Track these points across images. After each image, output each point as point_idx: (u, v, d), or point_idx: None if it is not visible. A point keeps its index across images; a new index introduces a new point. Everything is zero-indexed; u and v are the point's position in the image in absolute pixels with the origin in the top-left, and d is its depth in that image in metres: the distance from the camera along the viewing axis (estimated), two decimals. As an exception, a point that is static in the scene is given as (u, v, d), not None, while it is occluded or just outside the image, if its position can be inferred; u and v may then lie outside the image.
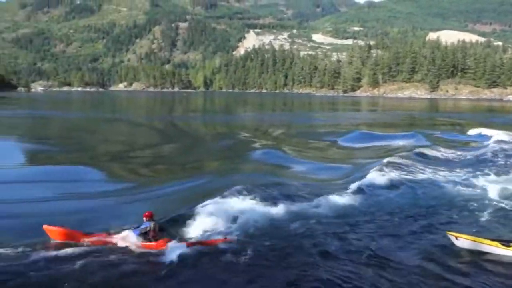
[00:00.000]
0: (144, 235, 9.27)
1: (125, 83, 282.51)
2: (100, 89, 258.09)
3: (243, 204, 11.52)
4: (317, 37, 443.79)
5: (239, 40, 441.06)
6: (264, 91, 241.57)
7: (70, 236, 9.41)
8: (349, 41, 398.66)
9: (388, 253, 8.96)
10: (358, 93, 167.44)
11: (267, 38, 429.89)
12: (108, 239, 9.36)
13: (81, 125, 40.87)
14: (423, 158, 20.29)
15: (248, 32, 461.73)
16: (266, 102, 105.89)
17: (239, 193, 12.52)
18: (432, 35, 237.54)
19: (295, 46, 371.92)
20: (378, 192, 13.79)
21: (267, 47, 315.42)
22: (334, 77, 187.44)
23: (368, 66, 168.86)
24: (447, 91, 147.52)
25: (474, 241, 9.25)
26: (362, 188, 14.03)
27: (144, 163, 20.49)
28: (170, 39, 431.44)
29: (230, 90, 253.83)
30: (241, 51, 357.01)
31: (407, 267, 8.38)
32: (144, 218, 9.49)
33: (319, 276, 7.95)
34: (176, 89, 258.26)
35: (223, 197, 12.06)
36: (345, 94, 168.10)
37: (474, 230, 10.25)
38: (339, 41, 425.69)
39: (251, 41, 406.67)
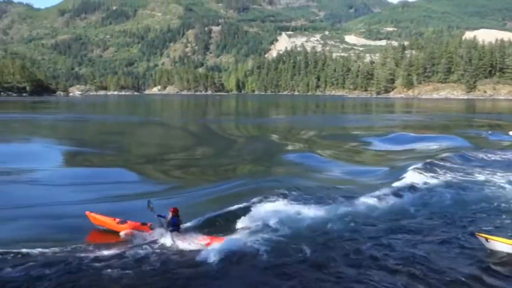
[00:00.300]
0: (169, 227, 9.67)
1: (159, 87, 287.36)
2: (135, 93, 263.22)
3: (277, 207, 11.46)
4: (350, 39, 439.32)
5: (271, 43, 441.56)
6: (296, 93, 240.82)
7: (108, 223, 10.28)
8: (383, 42, 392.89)
9: (425, 258, 8.73)
10: (392, 94, 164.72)
11: (299, 40, 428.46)
12: (142, 228, 9.99)
13: (117, 128, 41.71)
14: (463, 160, 19.73)
15: (280, 34, 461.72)
16: (298, 105, 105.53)
17: (273, 195, 12.47)
18: (468, 35, 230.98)
19: (327, 48, 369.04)
20: (416, 194, 13.49)
21: (299, 49, 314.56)
22: (367, 79, 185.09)
23: (402, 67, 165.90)
24: (485, 92, 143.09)
25: (505, 243, 8.98)
26: (400, 191, 13.75)
27: (179, 165, 20.70)
28: (203, 43, 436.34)
29: (263, 93, 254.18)
30: (273, 53, 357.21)
31: (443, 272, 8.17)
32: (170, 213, 9.78)
33: (356, 280, 7.82)
34: (209, 92, 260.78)
35: (257, 199, 12.04)
36: (379, 96, 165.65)
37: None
38: (372, 42, 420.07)
39: (283, 43, 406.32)
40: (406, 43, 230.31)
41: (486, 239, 9.11)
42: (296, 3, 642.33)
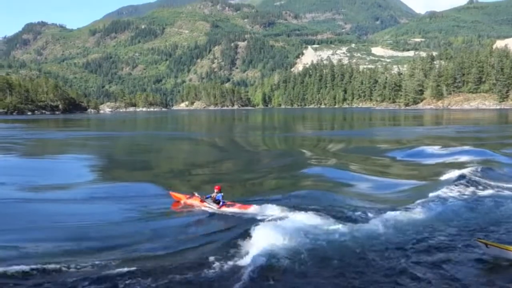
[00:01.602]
0: (216, 202, 13.99)
1: (187, 102, 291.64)
2: (163, 109, 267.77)
3: (304, 222, 11.38)
4: (377, 50, 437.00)
5: (297, 57, 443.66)
6: (323, 106, 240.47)
7: (181, 197, 15.16)
8: (410, 53, 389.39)
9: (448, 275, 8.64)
10: (420, 105, 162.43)
11: (325, 53, 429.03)
12: (200, 201, 14.41)
13: (146, 144, 42.43)
14: (494, 175, 19.17)
15: (306, 48, 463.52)
16: (325, 118, 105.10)
17: (301, 210, 12.42)
18: (499, 43, 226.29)
19: (354, 60, 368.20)
20: (446, 210, 13.19)
21: (325, 62, 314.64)
22: (395, 90, 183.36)
23: (431, 78, 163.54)
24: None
25: (505, 249, 9.08)
26: (429, 205, 13.46)
27: (205, 180, 20.84)
28: (229, 58, 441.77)
29: (289, 107, 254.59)
30: (299, 67, 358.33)
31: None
32: (215, 190, 14.15)
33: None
34: (236, 107, 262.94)
35: (284, 213, 12.03)
36: (407, 107, 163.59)
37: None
38: (399, 54, 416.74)
39: (309, 57, 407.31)
40: (434, 53, 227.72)
41: (486, 245, 9.22)
42: (322, 16, 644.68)
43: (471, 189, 16.03)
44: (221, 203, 13.85)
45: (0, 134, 54.67)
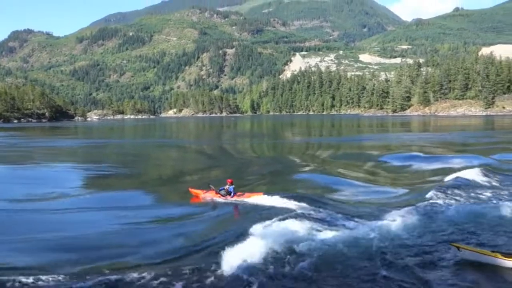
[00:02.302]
0: (228, 193, 16.53)
1: (175, 110, 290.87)
2: (151, 116, 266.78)
3: (294, 228, 11.42)
4: (364, 57, 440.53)
5: (285, 64, 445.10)
6: (311, 113, 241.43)
7: (198, 192, 17.40)
8: (397, 60, 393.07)
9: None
10: (408, 112, 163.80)
11: (313, 60, 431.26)
12: (216, 193, 16.83)
13: (134, 151, 42.23)
14: (481, 181, 19.39)
15: (294, 55, 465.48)
16: (313, 124, 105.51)
17: (289, 217, 12.45)
18: (485, 50, 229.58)
19: (342, 67, 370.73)
20: (431, 216, 13.31)
21: (313, 69, 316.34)
22: (383, 97, 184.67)
23: (418, 84, 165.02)
24: (503, 107, 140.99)
25: (476, 252, 9.53)
26: (416, 211, 13.60)
27: (194, 187, 20.82)
28: (218, 65, 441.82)
29: (277, 113, 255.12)
30: (287, 74, 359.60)
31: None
32: (228, 183, 16.69)
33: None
34: (224, 114, 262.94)
35: (273, 220, 12.05)
36: (395, 114, 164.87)
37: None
38: (387, 61, 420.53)
39: (297, 64, 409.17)
40: (421, 60, 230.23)
41: (458, 248, 9.65)
42: (310, 24, 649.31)
43: (457, 195, 16.22)
44: (232, 193, 16.52)
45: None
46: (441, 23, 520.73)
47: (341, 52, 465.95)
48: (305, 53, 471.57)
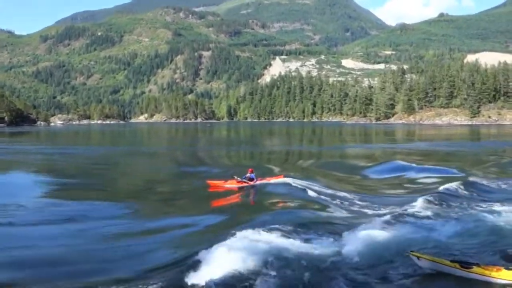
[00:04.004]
0: (250, 180, 21.55)
1: (146, 115, 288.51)
2: (121, 122, 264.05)
3: (268, 241, 11.40)
4: (347, 63, 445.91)
5: (265, 68, 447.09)
6: (291, 120, 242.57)
7: (219, 183, 21.75)
8: (381, 66, 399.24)
9: None
10: (392, 120, 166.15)
11: (294, 65, 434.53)
12: (237, 181, 21.66)
13: (101, 159, 41.60)
14: (465, 193, 19.76)
15: (273, 59, 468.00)
16: (294, 132, 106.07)
17: (265, 230, 12.39)
18: (470, 57, 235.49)
19: (323, 72, 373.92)
20: (415, 229, 13.48)
21: (294, 74, 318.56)
22: (366, 104, 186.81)
23: (403, 92, 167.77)
24: (489, 117, 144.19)
25: (435, 261, 9.86)
26: (397, 223, 13.79)
27: (165, 199, 20.66)
28: (192, 68, 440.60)
29: (256, 120, 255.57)
30: (266, 79, 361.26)
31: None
32: (249, 172, 21.74)
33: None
34: (199, 119, 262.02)
35: (247, 234, 11.95)
36: (378, 122, 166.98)
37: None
38: (370, 66, 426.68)
39: (277, 68, 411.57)
40: (405, 66, 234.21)
41: (418, 257, 9.99)
42: (290, 26, 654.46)
43: (439, 207, 16.52)
44: (254, 179, 21.62)
45: None
46: (426, 28, 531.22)
47: (322, 56, 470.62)
48: (285, 57, 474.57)
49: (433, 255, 10.34)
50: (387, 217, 14.61)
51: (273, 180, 22.48)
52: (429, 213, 15.55)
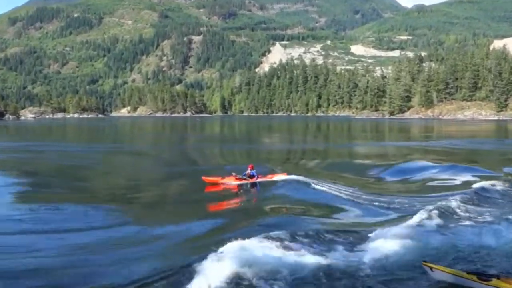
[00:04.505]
0: (250, 177, 22.31)
1: (129, 108, 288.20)
2: (100, 115, 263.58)
3: (267, 252, 11.37)
4: (357, 49, 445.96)
5: (263, 55, 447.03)
6: (293, 114, 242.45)
7: (216, 179, 22.63)
8: (396, 53, 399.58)
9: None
10: (407, 114, 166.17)
11: (296, 52, 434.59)
12: (236, 178, 22.20)
13: (78, 158, 41.52)
14: (490, 200, 19.76)
15: (273, 44, 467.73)
16: (296, 128, 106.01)
17: (264, 238, 12.41)
18: (497, 43, 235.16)
19: (330, 60, 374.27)
20: (434, 236, 13.49)
21: (296, 62, 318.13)
22: (378, 96, 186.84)
23: (420, 82, 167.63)
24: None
25: (450, 273, 9.96)
26: (415, 229, 13.83)
27: (153, 203, 20.68)
28: (181, 55, 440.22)
29: (253, 114, 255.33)
30: (265, 67, 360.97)
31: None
32: (249, 168, 22.39)
33: None
34: (189, 113, 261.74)
35: (246, 243, 11.95)
36: (392, 117, 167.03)
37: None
38: (383, 53, 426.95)
39: (277, 55, 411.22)
40: (423, 53, 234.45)
41: (431, 268, 10.12)
42: (292, 7, 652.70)
43: (463, 211, 16.57)
44: (255, 176, 22.36)
45: None
46: (446, 10, 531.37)
47: (329, 42, 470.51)
48: (286, 42, 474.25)
49: (451, 265, 10.44)
50: (404, 223, 14.63)
51: (275, 178, 23.11)
52: (451, 218, 15.58)
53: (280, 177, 23.13)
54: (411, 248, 12.33)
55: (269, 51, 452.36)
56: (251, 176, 22.34)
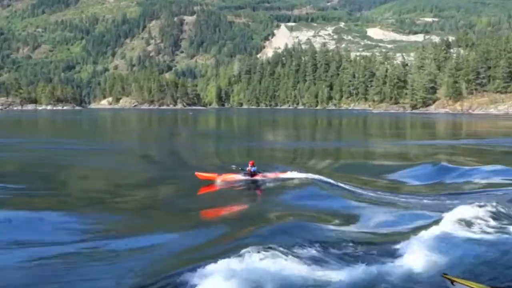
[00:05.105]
0: (251, 173, 23.35)
1: (110, 99, 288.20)
2: (77, 107, 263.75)
3: (270, 266, 11.32)
4: (374, 32, 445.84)
5: (266, 38, 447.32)
6: (300, 107, 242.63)
7: (212, 176, 23.49)
8: (419, 37, 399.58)
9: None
10: (432, 108, 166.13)
11: (304, 35, 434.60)
12: (233, 174, 23.41)
13: (51, 157, 41.56)
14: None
15: (278, 27, 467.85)
16: (304, 123, 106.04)
17: (267, 250, 12.35)
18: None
19: (343, 45, 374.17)
20: (462, 247, 13.50)
21: (304, 47, 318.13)
22: (399, 87, 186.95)
23: (447, 71, 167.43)
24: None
25: (472, 287, 10.05)
26: (440, 238, 13.85)
27: (138, 209, 20.63)
28: (172, 38, 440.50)
29: (254, 107, 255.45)
30: (268, 53, 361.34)
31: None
32: (250, 164, 23.17)
33: None
34: (179, 106, 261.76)
35: (243, 255, 11.88)
36: (415, 111, 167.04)
37: None
38: (404, 37, 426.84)
39: (282, 39, 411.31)
40: (451, 38, 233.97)
41: (452, 282, 10.30)
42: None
43: (494, 220, 16.56)
44: (256, 174, 23.28)
45: None
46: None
47: (342, 24, 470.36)
48: (293, 24, 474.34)
49: (475, 279, 10.54)
50: (428, 232, 14.62)
51: (284, 175, 23.83)
52: (480, 228, 15.59)
53: (290, 174, 23.68)
54: (437, 262, 12.33)
55: (273, 34, 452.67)
56: (252, 173, 23.00)
